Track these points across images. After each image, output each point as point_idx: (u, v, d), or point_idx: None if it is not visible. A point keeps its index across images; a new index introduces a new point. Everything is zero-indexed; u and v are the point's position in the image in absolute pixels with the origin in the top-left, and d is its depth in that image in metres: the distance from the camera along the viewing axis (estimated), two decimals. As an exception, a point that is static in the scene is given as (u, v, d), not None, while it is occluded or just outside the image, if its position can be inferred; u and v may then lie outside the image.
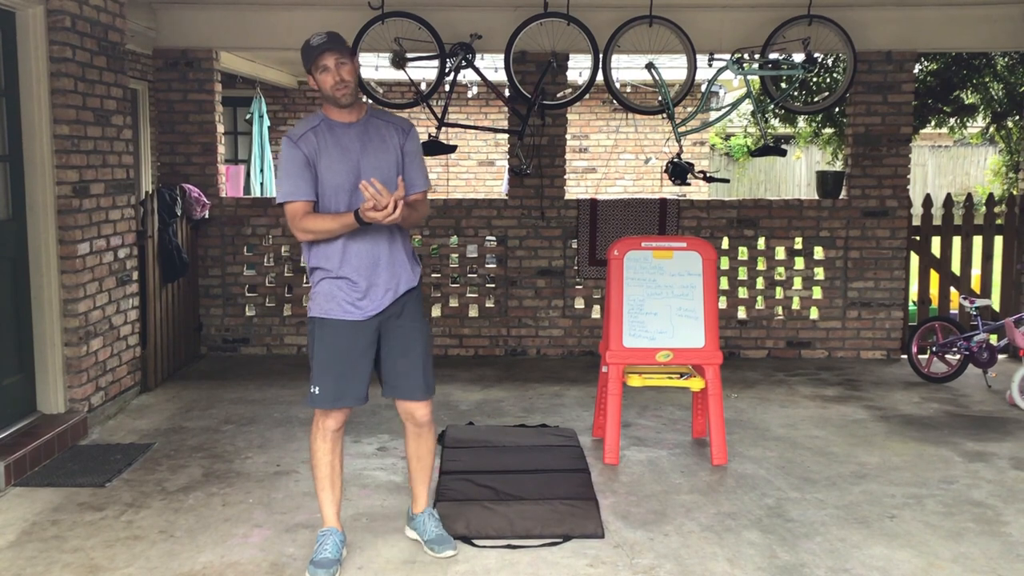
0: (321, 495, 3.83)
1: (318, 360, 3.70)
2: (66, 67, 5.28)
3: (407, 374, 3.79)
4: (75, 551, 3.89)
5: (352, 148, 3.67)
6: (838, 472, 4.90)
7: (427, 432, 3.93)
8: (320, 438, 3.76)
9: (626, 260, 5.14)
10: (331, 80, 3.60)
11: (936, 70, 9.43)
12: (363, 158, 3.67)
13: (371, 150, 3.69)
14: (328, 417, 3.74)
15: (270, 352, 7.71)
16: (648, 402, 6.21)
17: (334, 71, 3.60)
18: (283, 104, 13.36)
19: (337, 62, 3.60)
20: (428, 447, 3.96)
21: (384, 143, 3.73)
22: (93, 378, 5.61)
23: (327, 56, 3.59)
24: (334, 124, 3.70)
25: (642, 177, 14.14)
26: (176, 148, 7.60)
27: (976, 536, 4.10)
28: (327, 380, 3.69)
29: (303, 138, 3.65)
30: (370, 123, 3.74)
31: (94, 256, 5.60)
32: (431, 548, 3.89)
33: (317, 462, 3.79)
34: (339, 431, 3.78)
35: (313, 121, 3.72)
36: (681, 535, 4.09)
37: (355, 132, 3.70)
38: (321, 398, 3.69)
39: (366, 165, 3.66)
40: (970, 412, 6.08)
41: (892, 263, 7.68)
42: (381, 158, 3.69)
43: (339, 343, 3.68)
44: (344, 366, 3.68)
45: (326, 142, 3.66)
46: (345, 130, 3.70)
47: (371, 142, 3.71)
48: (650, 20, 6.97)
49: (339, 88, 3.61)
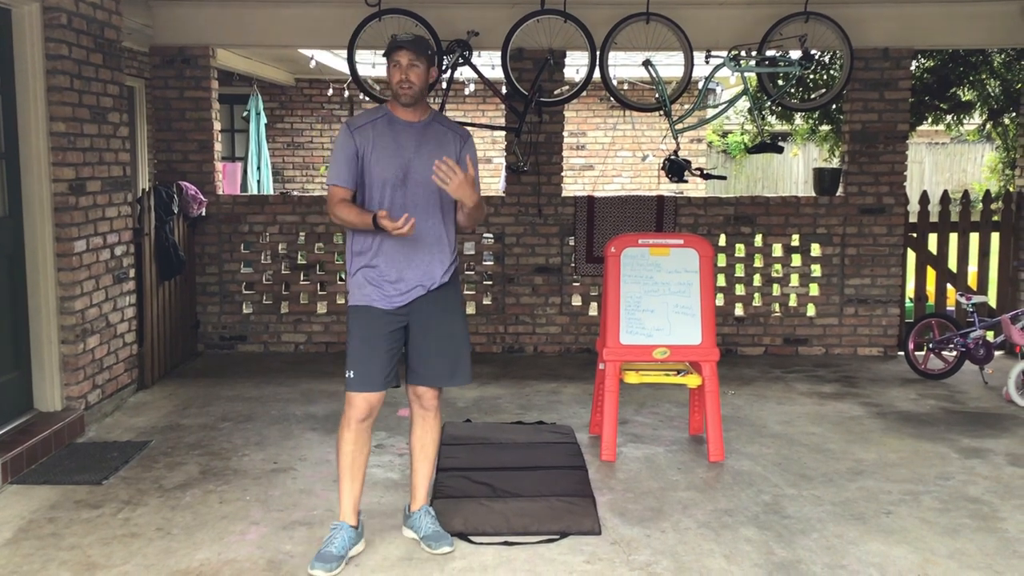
0: (341, 484, 3.87)
1: (352, 346, 3.82)
2: (62, 64, 5.28)
3: (430, 362, 3.88)
4: (72, 548, 3.89)
5: (407, 146, 3.80)
6: (835, 469, 4.91)
7: (432, 419, 3.99)
8: (345, 427, 3.82)
9: (623, 257, 5.14)
10: (398, 76, 3.75)
11: (933, 67, 9.43)
12: (415, 157, 3.79)
13: (425, 152, 3.81)
14: (354, 404, 3.79)
15: (267, 349, 7.71)
16: (645, 399, 6.21)
17: (404, 68, 3.74)
18: (280, 102, 13.36)
19: (410, 62, 3.73)
20: (433, 435, 4.01)
21: (440, 147, 3.84)
22: (90, 376, 5.61)
23: (402, 53, 3.74)
24: (395, 120, 3.84)
25: (639, 174, 14.14)
26: (173, 145, 7.59)
27: (972, 532, 4.11)
28: (358, 364, 3.79)
29: (360, 129, 3.81)
30: (431, 126, 3.88)
31: (91, 254, 5.60)
32: (428, 544, 3.90)
33: (340, 451, 3.84)
34: (364, 422, 3.82)
35: (376, 114, 3.86)
36: (678, 532, 4.09)
37: (414, 131, 3.83)
38: (354, 382, 3.78)
39: (417, 164, 3.79)
40: (967, 408, 6.09)
41: (889, 260, 7.69)
42: (432, 161, 3.73)
43: (369, 330, 3.81)
44: (373, 352, 3.79)
45: (382, 136, 3.80)
46: (404, 128, 3.83)
47: (427, 144, 3.83)
48: (647, 17, 6.97)
49: (403, 86, 3.75)
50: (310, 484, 4.64)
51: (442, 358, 3.89)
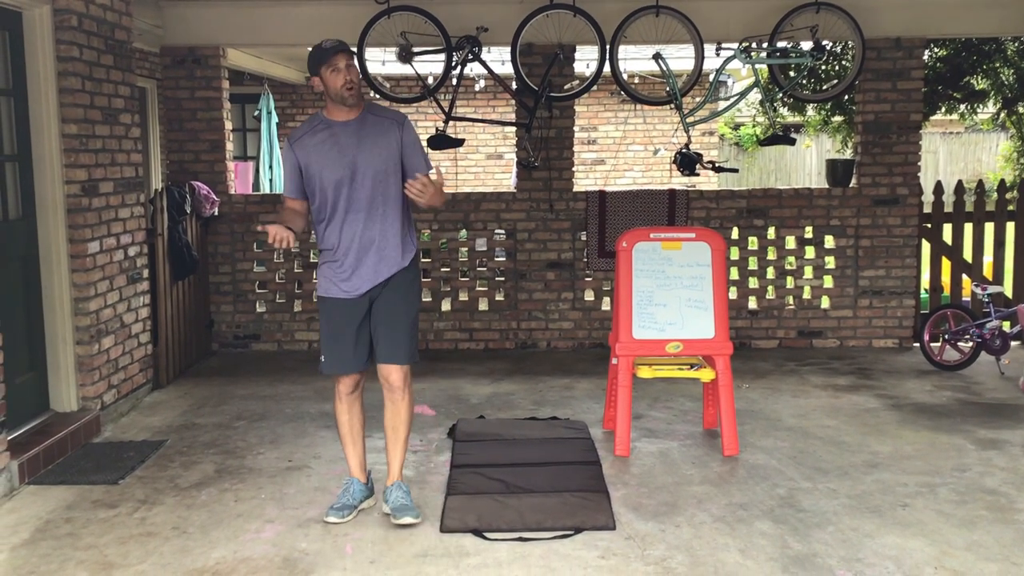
0: (345, 449, 4.29)
1: (322, 334, 4.18)
2: (73, 66, 5.30)
3: (385, 340, 4.10)
4: (89, 548, 3.91)
5: (349, 145, 3.98)
6: (850, 461, 4.89)
7: (400, 400, 4.16)
8: (337, 402, 4.22)
9: (635, 251, 5.13)
10: (342, 80, 3.90)
11: (946, 56, 9.36)
12: (359, 154, 4.00)
13: (367, 145, 3.99)
14: (340, 383, 4.18)
15: (281, 348, 7.73)
16: (659, 393, 6.20)
17: (345, 71, 3.90)
18: (291, 100, 13.38)
19: (347, 64, 3.92)
20: (402, 417, 4.18)
21: (381, 137, 4.02)
22: (105, 376, 5.63)
23: (340, 57, 3.91)
24: (332, 123, 4.02)
25: (651, 168, 14.10)
26: (185, 146, 7.62)
27: (989, 524, 4.08)
28: (328, 350, 4.14)
29: (298, 142, 4.03)
30: (366, 119, 4.06)
31: (104, 254, 5.62)
32: (394, 516, 4.09)
33: (338, 423, 4.25)
34: (353, 395, 4.20)
35: (312, 123, 4.06)
36: (692, 526, 4.09)
37: (352, 129, 4.01)
38: (326, 365, 4.16)
39: (362, 159, 3.99)
40: (983, 400, 6.06)
41: (903, 251, 7.64)
42: (376, 152, 4.00)
43: (335, 318, 4.11)
44: (340, 338, 4.10)
45: (322, 144, 3.99)
46: (343, 128, 4.01)
47: (367, 137, 4.00)
48: (657, 10, 6.94)
49: (348, 87, 3.91)
50: (325, 482, 4.65)
51: (388, 336, 4.09)
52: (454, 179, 14.01)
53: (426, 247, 7.87)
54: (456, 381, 6.61)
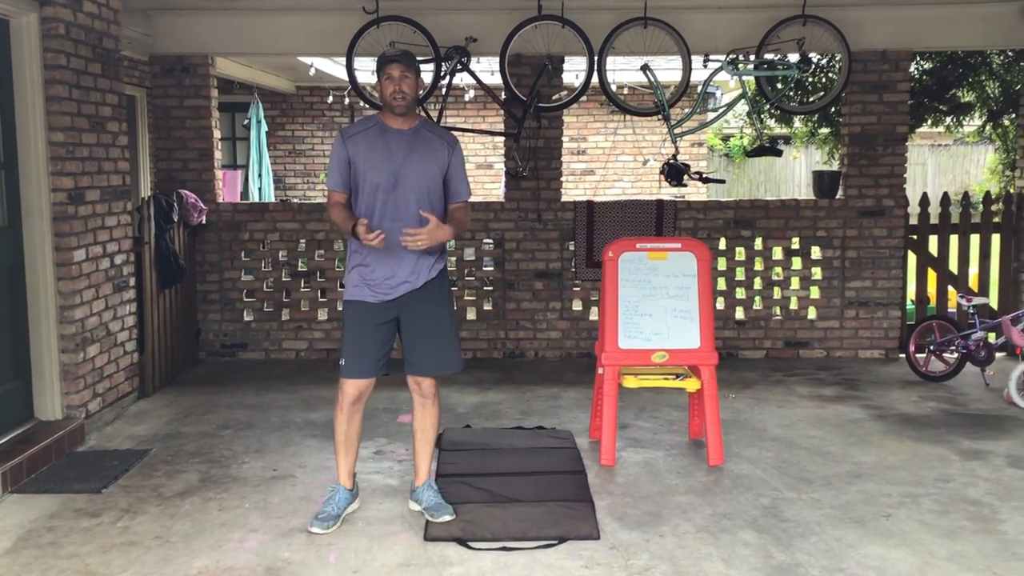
0: (337, 456, 4.29)
1: (346, 336, 4.17)
2: (60, 74, 5.29)
3: (422, 351, 4.19)
4: (71, 557, 3.89)
5: (398, 153, 4.08)
6: (834, 472, 4.90)
7: (432, 404, 4.31)
8: (339, 410, 4.21)
9: (621, 261, 5.14)
10: (391, 88, 4.03)
11: (932, 69, 9.42)
12: (405, 164, 4.07)
13: (415, 159, 4.09)
14: (345, 388, 4.16)
15: (268, 357, 7.72)
16: (646, 403, 6.21)
17: (396, 81, 4.02)
18: (281, 109, 13.38)
19: (401, 74, 4.03)
20: (432, 420, 4.33)
21: (430, 154, 4.14)
22: (90, 384, 5.62)
23: (394, 66, 4.03)
24: (387, 128, 4.12)
25: (640, 179, 14.14)
26: (173, 154, 7.61)
27: (972, 534, 4.10)
28: (350, 353, 4.14)
29: (352, 138, 4.11)
30: (419, 133, 4.15)
31: (90, 263, 5.61)
32: (430, 514, 4.20)
33: (335, 429, 4.24)
34: (356, 405, 4.20)
35: (368, 123, 4.16)
36: (676, 536, 4.09)
37: (404, 139, 4.11)
38: (345, 369, 4.15)
39: (407, 170, 4.08)
40: (968, 410, 6.08)
41: (889, 262, 7.68)
42: (422, 167, 4.09)
43: (360, 322, 4.14)
44: (362, 342, 4.13)
45: (374, 144, 4.09)
46: (395, 136, 4.11)
47: (417, 151, 4.10)
48: (645, 22, 6.97)
49: (396, 96, 4.04)
50: (309, 491, 4.64)
51: (430, 348, 4.19)
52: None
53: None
54: (443, 390, 6.51)
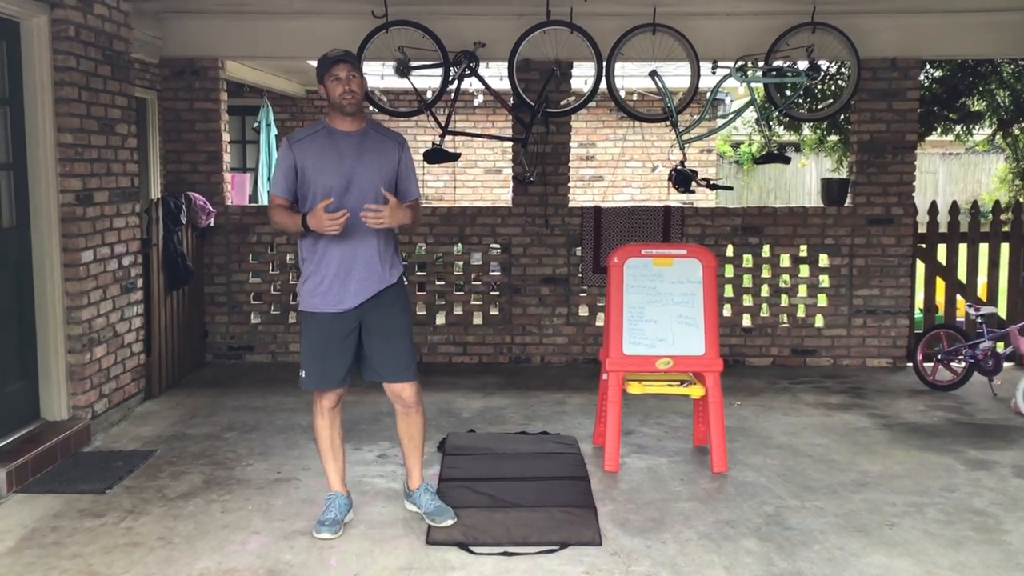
0: (325, 465, 4.27)
1: (305, 348, 4.14)
2: (70, 76, 5.32)
3: (388, 359, 4.14)
4: (74, 557, 3.90)
5: (348, 155, 4.03)
6: (839, 480, 4.89)
7: (415, 412, 4.26)
8: (319, 416, 4.19)
9: (626, 267, 5.14)
10: (340, 89, 3.98)
11: (942, 77, 9.40)
12: (357, 165, 4.03)
13: (367, 160, 4.04)
14: (323, 397, 4.16)
15: (275, 360, 7.73)
16: (650, 410, 6.20)
17: (344, 81, 3.98)
18: (291, 112, 13.42)
19: (349, 74, 3.99)
20: (418, 427, 4.30)
21: (381, 154, 4.08)
22: (96, 385, 5.64)
23: (340, 67, 3.99)
24: (334, 131, 4.07)
25: (649, 185, 14.13)
26: (182, 156, 7.64)
27: (976, 545, 4.08)
28: (312, 365, 4.11)
29: (299, 143, 4.06)
30: (368, 134, 4.11)
31: (98, 264, 5.64)
32: (432, 519, 4.19)
33: (318, 437, 4.23)
34: (335, 409, 4.20)
35: (315, 127, 4.11)
36: (679, 543, 4.08)
37: (353, 140, 4.06)
38: (307, 381, 4.14)
39: (359, 172, 4.03)
40: (974, 420, 6.05)
41: (898, 271, 7.66)
42: (375, 168, 4.06)
43: (321, 333, 4.09)
44: (326, 353, 4.09)
45: (322, 148, 4.02)
46: (344, 138, 4.06)
47: (368, 151, 4.06)
48: (653, 28, 6.98)
49: (346, 96, 3.98)
50: (312, 494, 4.64)
51: (390, 354, 4.14)
52: (452, 193, 14.05)
53: (421, 260, 7.89)
54: (448, 395, 6.61)
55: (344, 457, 4.32)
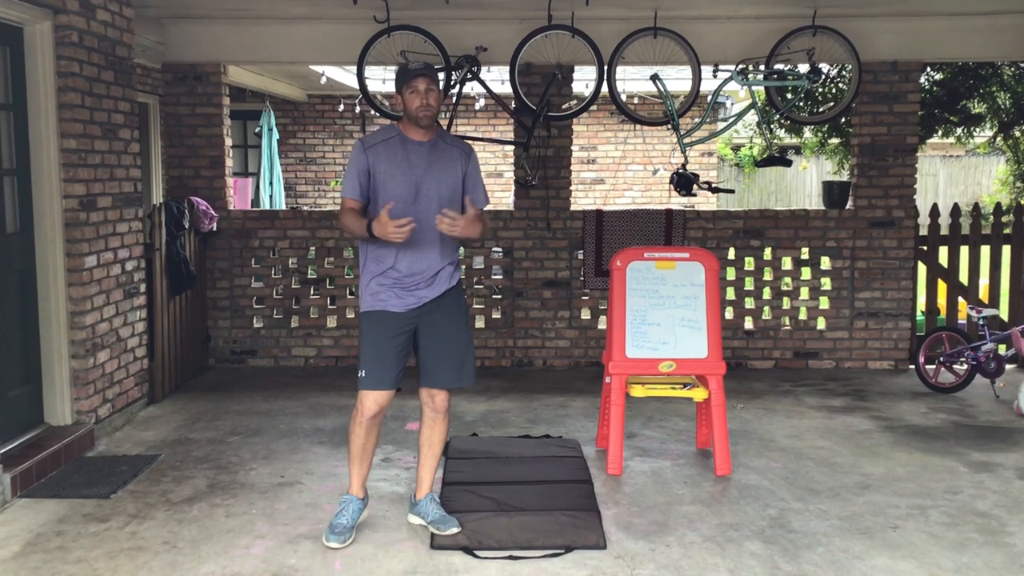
0: (351, 467, 4.23)
1: (364, 347, 4.11)
2: (73, 82, 5.34)
3: (441, 363, 4.16)
4: (78, 562, 3.91)
5: (418, 164, 4.07)
6: (842, 483, 4.89)
7: (442, 420, 4.29)
8: (357, 424, 4.14)
9: (629, 271, 5.15)
10: (418, 102, 3.99)
11: (942, 80, 9.41)
12: (426, 175, 4.08)
13: (435, 169, 4.08)
14: (366, 401, 4.08)
15: (277, 364, 7.74)
16: (653, 413, 6.20)
17: (423, 95, 3.99)
18: (293, 117, 13.44)
19: (427, 87, 3.99)
20: (440, 435, 4.31)
21: (449, 164, 4.12)
22: (100, 390, 5.64)
23: (421, 80, 3.99)
24: (407, 140, 4.09)
25: (650, 188, 14.14)
26: (185, 161, 7.65)
27: (980, 547, 4.08)
28: (372, 364, 4.08)
29: (372, 148, 4.07)
30: (438, 144, 4.14)
31: (101, 269, 5.65)
32: (437, 528, 4.16)
33: (352, 441, 4.18)
34: (375, 419, 4.13)
35: (389, 133, 4.13)
36: (683, 546, 4.09)
37: (424, 150, 4.09)
38: (365, 380, 4.08)
39: (428, 181, 4.06)
40: (977, 422, 6.06)
41: (899, 273, 7.66)
42: (442, 178, 4.09)
43: (382, 332, 4.08)
44: (384, 353, 4.08)
45: (395, 155, 4.06)
46: (416, 147, 4.09)
47: (437, 161, 4.09)
48: (655, 32, 6.99)
49: (423, 110, 4.00)
50: (316, 498, 4.65)
51: (450, 360, 4.17)
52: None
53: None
54: (451, 399, 6.59)
55: (370, 466, 4.27)
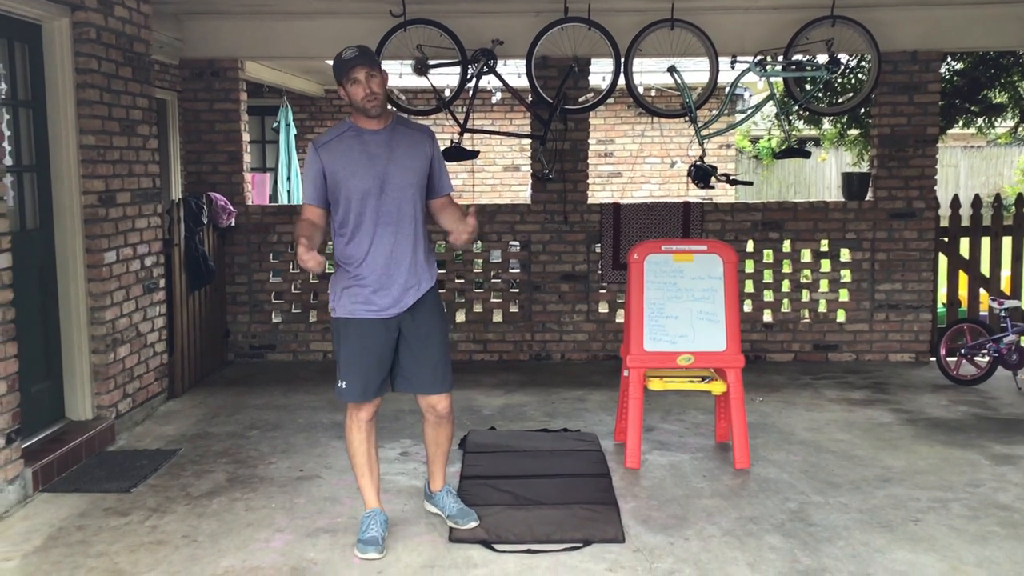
0: (361, 481, 4.07)
1: (345, 357, 3.91)
2: (92, 78, 5.36)
3: (425, 369, 3.98)
4: (100, 556, 3.94)
5: (379, 154, 3.85)
6: (862, 476, 4.86)
7: (447, 422, 4.15)
8: (355, 429, 4.00)
9: (646, 264, 5.13)
10: (362, 92, 3.77)
11: (963, 70, 9.32)
12: (390, 164, 3.85)
13: (398, 156, 3.86)
14: (360, 409, 3.97)
15: (296, 358, 7.77)
16: (672, 406, 6.18)
17: (364, 83, 3.76)
18: (310, 112, 13.46)
19: (368, 75, 3.77)
20: (446, 435, 4.20)
21: (413, 149, 3.90)
22: (120, 385, 5.68)
23: (358, 69, 3.76)
24: (362, 131, 3.88)
25: (668, 181, 14.09)
26: (203, 157, 7.68)
27: (1002, 540, 4.04)
28: (353, 376, 3.90)
29: (325, 146, 3.86)
30: (396, 130, 3.92)
31: (120, 264, 5.68)
32: (455, 522, 4.13)
33: (354, 451, 4.02)
34: (372, 421, 4.01)
35: (340, 128, 3.92)
36: (702, 540, 4.07)
37: (382, 139, 3.87)
38: (349, 392, 3.91)
39: (393, 170, 3.84)
40: (999, 415, 6.01)
41: (920, 265, 7.60)
42: (408, 164, 3.87)
43: (364, 340, 3.89)
44: (370, 361, 3.90)
45: (351, 150, 3.84)
46: (373, 137, 3.87)
47: (399, 147, 3.87)
48: (672, 23, 6.95)
49: (369, 100, 3.78)
50: (335, 491, 4.66)
51: (428, 364, 3.98)
52: (471, 191, 14.04)
53: (441, 259, 7.89)
54: (469, 392, 6.61)
55: (379, 471, 4.13)
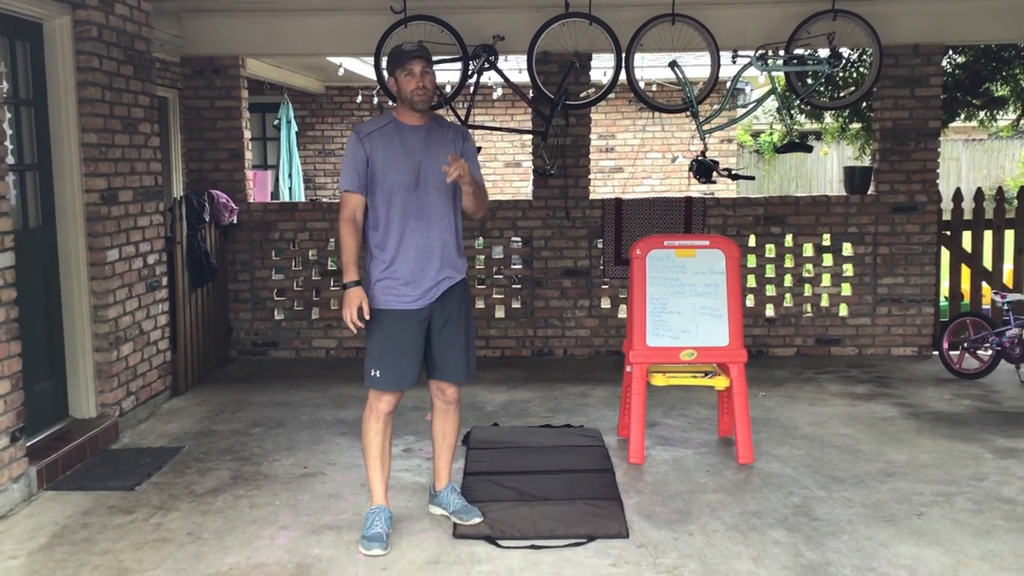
0: (371, 474, 4.10)
1: (377, 347, 3.99)
2: (93, 76, 5.36)
3: (457, 357, 4.09)
4: (104, 553, 3.95)
5: (416, 150, 3.99)
6: (866, 470, 4.86)
7: (454, 410, 4.24)
8: (374, 420, 4.04)
9: (649, 259, 5.13)
10: (413, 84, 3.91)
11: (965, 63, 9.30)
12: (425, 159, 3.99)
13: (433, 152, 4.00)
14: (381, 400, 4.02)
15: (299, 355, 7.78)
16: (674, 401, 6.18)
17: (418, 77, 3.91)
18: (311, 110, 13.45)
19: (423, 70, 3.92)
20: (454, 425, 4.27)
21: (447, 147, 4.04)
22: (124, 383, 5.68)
23: (416, 62, 3.91)
24: (402, 126, 4.01)
25: (669, 176, 14.08)
26: (204, 154, 7.68)
27: (1006, 533, 4.05)
28: (388, 365, 3.97)
29: (368, 136, 3.98)
30: (433, 128, 4.06)
31: (123, 262, 5.68)
32: (459, 518, 4.16)
33: (369, 443, 4.07)
34: (391, 414, 4.07)
35: (382, 120, 4.04)
36: (705, 534, 4.07)
37: (420, 135, 4.02)
38: (382, 380, 3.97)
39: (427, 166, 3.98)
40: (1002, 408, 6.01)
41: (922, 258, 7.60)
42: (441, 160, 3.97)
43: (396, 330, 3.98)
44: (402, 351, 3.98)
45: (391, 142, 3.97)
46: (412, 132, 4.01)
47: (434, 145, 4.01)
48: (673, 18, 6.94)
49: (418, 93, 3.92)
50: (339, 488, 4.67)
51: (460, 353, 4.10)
52: (472, 187, 14.03)
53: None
54: (472, 388, 6.61)
55: (390, 467, 4.19)
